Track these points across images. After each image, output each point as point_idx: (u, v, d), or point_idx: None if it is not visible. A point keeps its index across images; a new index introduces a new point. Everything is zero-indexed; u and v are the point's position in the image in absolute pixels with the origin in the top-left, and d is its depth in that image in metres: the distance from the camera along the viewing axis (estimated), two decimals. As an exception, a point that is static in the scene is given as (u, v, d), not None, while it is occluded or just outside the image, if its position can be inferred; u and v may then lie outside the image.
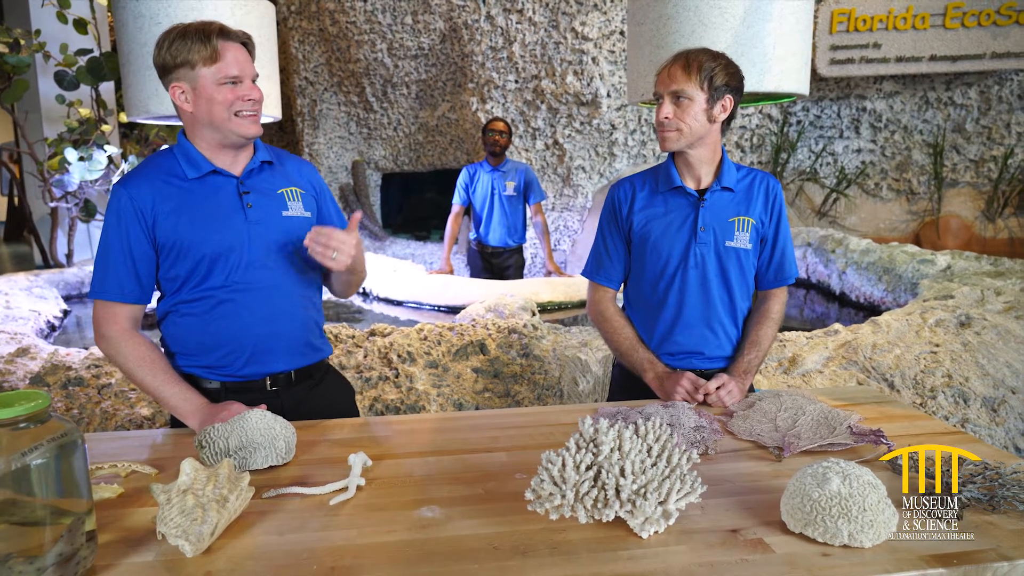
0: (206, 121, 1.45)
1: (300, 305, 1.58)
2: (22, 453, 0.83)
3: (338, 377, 1.74)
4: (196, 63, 1.41)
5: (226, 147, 1.49)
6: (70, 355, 2.49)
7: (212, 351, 1.51)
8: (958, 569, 0.95)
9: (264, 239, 1.51)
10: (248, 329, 1.51)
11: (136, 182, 1.47)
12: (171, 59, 1.43)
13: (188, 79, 1.43)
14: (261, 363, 1.54)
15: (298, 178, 1.60)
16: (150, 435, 1.47)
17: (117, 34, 3.77)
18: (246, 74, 1.45)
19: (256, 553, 0.98)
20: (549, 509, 1.01)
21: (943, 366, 2.30)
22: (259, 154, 1.55)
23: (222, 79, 1.42)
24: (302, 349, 1.59)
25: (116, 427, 2.06)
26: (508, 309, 3.28)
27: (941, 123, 6.49)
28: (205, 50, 1.41)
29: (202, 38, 1.41)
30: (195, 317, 1.50)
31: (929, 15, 5.92)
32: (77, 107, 5.64)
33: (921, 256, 3.71)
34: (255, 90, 1.46)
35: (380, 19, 7.10)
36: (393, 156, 8.23)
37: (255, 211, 1.50)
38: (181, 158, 1.49)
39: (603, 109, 6.55)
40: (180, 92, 1.44)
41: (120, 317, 1.47)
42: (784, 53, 2.97)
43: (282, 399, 1.56)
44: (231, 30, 1.46)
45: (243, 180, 1.51)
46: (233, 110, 1.44)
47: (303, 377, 1.60)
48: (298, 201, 1.56)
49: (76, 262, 5.97)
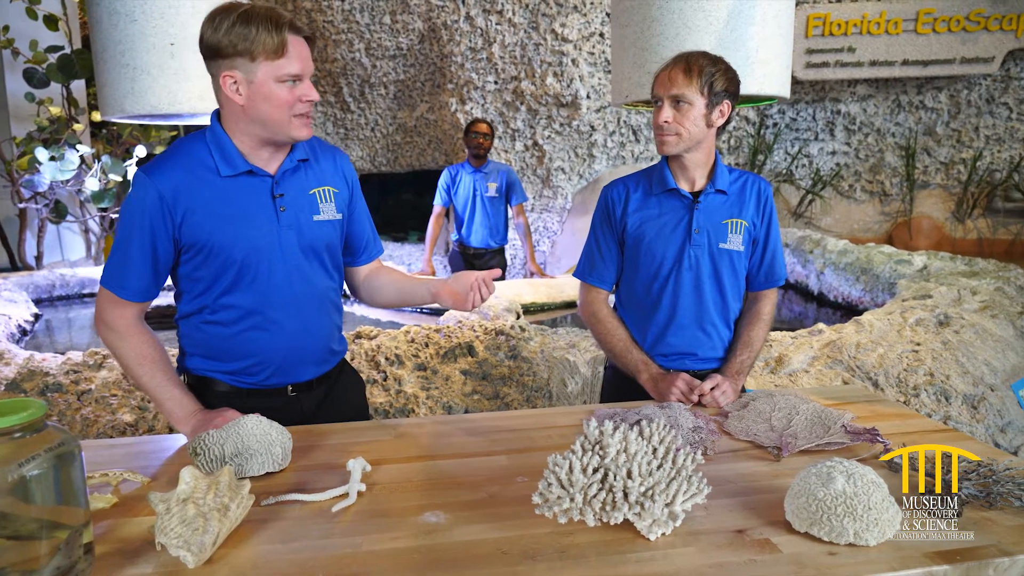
0: (257, 118, 1.33)
1: (326, 311, 1.51)
2: (19, 464, 0.80)
3: (352, 373, 1.69)
4: (258, 55, 1.27)
5: (267, 144, 1.38)
6: (46, 360, 2.43)
7: (236, 360, 1.45)
8: (961, 566, 0.96)
9: (295, 245, 1.42)
10: (277, 344, 1.45)
11: (165, 173, 1.35)
12: (229, 44, 1.27)
13: (245, 70, 1.29)
14: (286, 374, 1.49)
15: (332, 175, 1.50)
16: (139, 442, 1.43)
17: (91, 31, 3.68)
18: (307, 72, 1.34)
19: (259, 563, 0.96)
20: (557, 512, 1.00)
21: (925, 364, 2.34)
22: (296, 152, 1.43)
23: (283, 76, 1.30)
24: (325, 356, 1.54)
25: (98, 434, 2.01)
26: (493, 311, 3.27)
27: (913, 126, 6.63)
28: (272, 42, 1.27)
29: (269, 28, 1.27)
30: (222, 327, 1.43)
31: (901, 20, 6.05)
32: (47, 105, 5.50)
33: (898, 256, 3.78)
34: (313, 90, 1.34)
35: (358, 18, 7.05)
36: (371, 157, 8.17)
37: (288, 214, 1.41)
38: (215, 150, 1.37)
39: (583, 111, 6.57)
40: (232, 82, 1.31)
41: (128, 310, 1.40)
42: (766, 56, 3.01)
43: (302, 404, 1.52)
44: (299, 23, 1.33)
45: (278, 180, 1.41)
46: (293, 112, 1.33)
47: (323, 380, 1.56)
48: (330, 202, 1.47)
49: (46, 264, 5.82)
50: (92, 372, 2.30)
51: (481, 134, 4.12)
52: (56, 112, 5.44)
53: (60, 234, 6.28)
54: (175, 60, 3.42)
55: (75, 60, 5.35)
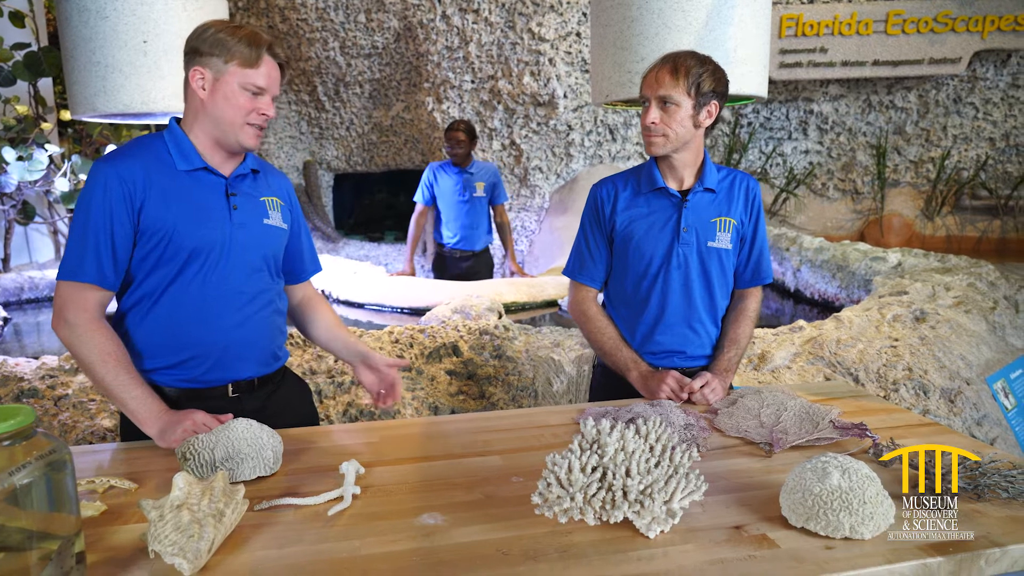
0: (214, 115, 1.42)
1: (270, 313, 1.55)
2: (9, 472, 0.78)
3: (296, 379, 1.72)
4: (232, 59, 1.39)
5: (221, 146, 1.47)
6: (19, 365, 2.36)
7: (177, 352, 1.45)
8: (954, 557, 0.98)
9: (245, 242, 1.48)
10: (218, 334, 1.47)
11: (125, 161, 1.40)
12: (210, 43, 1.39)
13: (214, 69, 1.40)
14: (225, 369, 1.49)
15: (278, 189, 1.61)
16: (123, 447, 1.40)
17: (60, 28, 3.59)
18: (271, 91, 1.45)
19: (257, 569, 0.94)
20: (558, 512, 1.00)
21: (903, 359, 2.38)
22: (248, 162, 1.53)
23: (248, 85, 1.41)
24: (267, 359, 1.56)
25: (76, 440, 1.96)
26: (475, 310, 3.26)
27: (883, 125, 6.76)
28: (248, 54, 1.40)
29: (250, 43, 1.40)
30: (164, 317, 1.44)
31: (872, 21, 6.16)
32: (14, 104, 5.36)
33: (873, 254, 3.85)
34: (271, 107, 1.45)
35: (332, 16, 6.98)
36: (346, 156, 8.10)
37: (240, 213, 1.48)
38: (172, 147, 1.45)
39: (560, 110, 6.58)
40: (199, 77, 1.41)
41: (89, 303, 1.38)
42: (745, 56, 3.04)
43: (244, 405, 1.51)
44: (279, 48, 1.46)
45: (231, 182, 1.49)
46: (247, 119, 1.42)
47: (264, 382, 1.57)
48: (277, 211, 1.57)
49: (14, 267, 5.67)
50: (68, 377, 2.25)
51: (456, 141, 4.05)
52: (23, 111, 5.30)
53: (28, 236, 6.12)
54: (147, 58, 3.36)
55: (42, 58, 5.22)
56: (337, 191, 8.64)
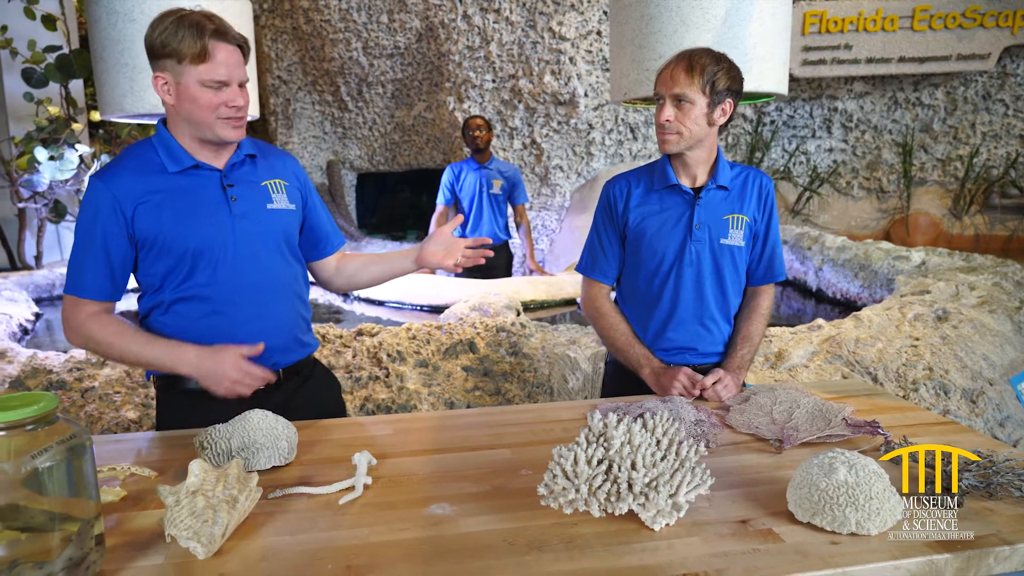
0: (186, 118, 1.40)
1: (287, 300, 1.56)
2: (31, 456, 0.81)
3: (325, 372, 1.73)
4: (183, 57, 1.34)
5: (207, 143, 1.45)
6: (49, 358, 2.43)
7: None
8: (962, 554, 0.97)
9: (249, 232, 1.48)
10: (236, 328, 1.48)
11: (114, 174, 1.41)
12: (159, 45, 1.35)
13: (173, 72, 1.36)
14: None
15: (282, 170, 1.57)
16: (145, 437, 1.44)
17: (89, 31, 3.68)
18: (234, 79, 1.39)
19: (269, 554, 0.97)
20: (563, 503, 1.02)
21: (924, 359, 2.35)
22: (243, 148, 1.50)
23: (208, 81, 1.36)
24: (291, 345, 1.57)
25: (102, 431, 2.02)
26: (493, 308, 3.28)
27: (910, 123, 6.65)
28: (195, 46, 1.34)
29: (195, 33, 1.34)
30: (180, 316, 1.47)
31: (898, 17, 6.06)
32: (46, 105, 5.50)
33: (896, 253, 3.80)
34: (241, 95, 1.40)
35: (355, 17, 7.05)
36: (368, 156, 8.17)
37: (240, 204, 1.47)
38: (161, 150, 1.44)
39: (580, 108, 6.58)
40: (163, 83, 1.39)
41: (91, 313, 1.43)
42: (764, 53, 3.02)
43: (272, 397, 1.53)
44: (229, 30, 1.39)
45: (227, 173, 1.47)
46: (216, 115, 1.39)
47: (292, 374, 1.58)
48: (282, 193, 1.53)
49: (46, 264, 5.82)
50: (95, 369, 2.31)
51: (476, 127, 4.13)
52: (55, 112, 5.43)
53: (59, 234, 6.28)
54: (174, 59, 3.42)
55: (73, 60, 5.35)
56: (360, 190, 8.72)
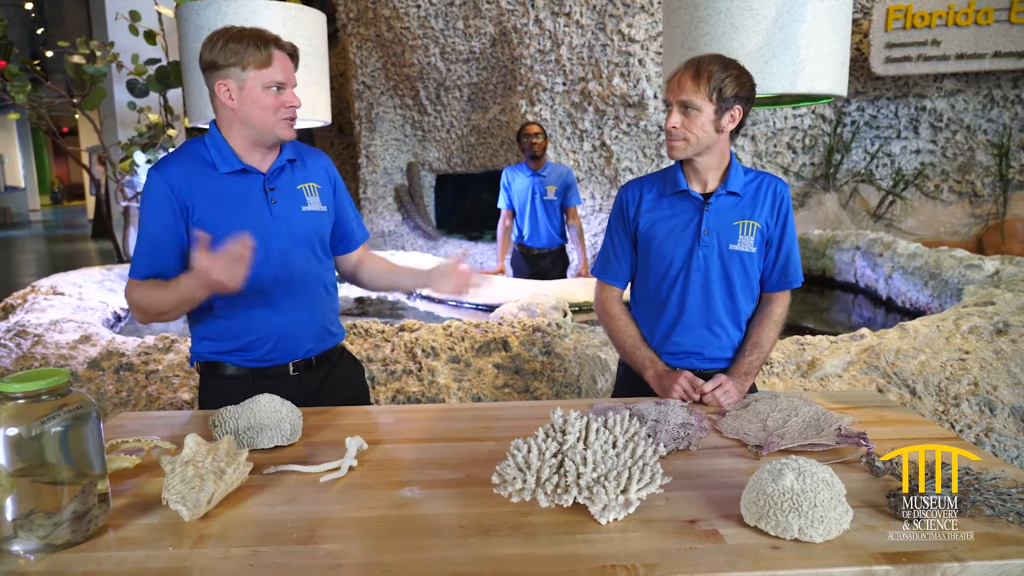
0: (247, 120, 1.55)
1: (319, 293, 1.71)
2: (41, 420, 0.96)
3: (351, 359, 1.88)
4: (248, 64, 1.51)
5: (258, 145, 1.60)
6: (125, 343, 2.70)
7: (240, 337, 1.64)
8: (904, 567, 0.97)
9: (287, 232, 1.63)
10: (274, 317, 1.64)
11: (171, 166, 1.57)
12: (223, 58, 1.51)
13: (236, 78, 1.52)
14: (285, 350, 1.67)
15: (316, 172, 1.72)
16: (177, 415, 1.61)
17: (180, 45, 4.01)
18: (290, 82, 1.56)
19: (247, 521, 1.08)
20: (512, 492, 1.08)
21: (970, 373, 2.24)
22: (285, 152, 1.65)
23: (269, 83, 1.53)
24: (321, 335, 1.73)
25: (159, 408, 2.23)
26: (540, 308, 3.35)
27: (1007, 122, 6.21)
28: (260, 55, 1.51)
29: (258, 44, 1.52)
30: (224, 308, 1.62)
31: (993, 10, 5.67)
32: (147, 113, 6.00)
33: (968, 261, 3.59)
34: (296, 98, 1.57)
35: (433, 24, 7.27)
36: (446, 157, 8.40)
37: (279, 206, 1.62)
38: (213, 150, 1.59)
39: (650, 110, 6.53)
40: (225, 89, 1.53)
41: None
42: (817, 54, 2.94)
43: (304, 383, 1.69)
44: (283, 40, 1.57)
45: (269, 178, 1.62)
46: (278, 116, 1.55)
47: (322, 361, 1.74)
48: (315, 196, 1.69)
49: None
50: (161, 354, 2.55)
51: (534, 134, 4.19)
52: (154, 119, 5.92)
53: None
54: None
55: (170, 71, 5.82)
56: (438, 191, 8.98)
